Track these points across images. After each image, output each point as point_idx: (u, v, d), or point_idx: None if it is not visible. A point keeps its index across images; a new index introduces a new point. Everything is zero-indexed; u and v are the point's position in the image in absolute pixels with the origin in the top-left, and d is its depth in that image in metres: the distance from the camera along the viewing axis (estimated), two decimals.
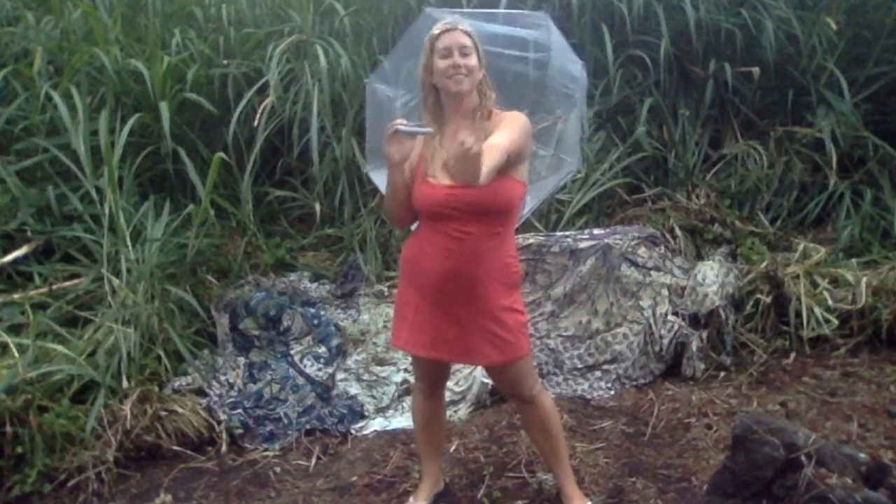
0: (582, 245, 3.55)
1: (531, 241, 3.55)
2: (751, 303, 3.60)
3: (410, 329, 2.32)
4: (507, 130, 2.15)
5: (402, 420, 3.24)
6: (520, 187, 2.25)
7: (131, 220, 3.50)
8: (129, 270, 3.32)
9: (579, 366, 3.45)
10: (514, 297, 2.31)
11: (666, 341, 3.42)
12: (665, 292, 3.54)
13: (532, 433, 2.52)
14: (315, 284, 3.94)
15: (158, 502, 2.72)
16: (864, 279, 3.53)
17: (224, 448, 3.09)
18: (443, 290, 2.24)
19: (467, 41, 2.19)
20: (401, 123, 2.12)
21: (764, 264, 3.67)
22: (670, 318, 3.47)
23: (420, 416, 2.54)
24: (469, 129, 2.17)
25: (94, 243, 3.45)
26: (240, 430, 3.14)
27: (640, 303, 3.52)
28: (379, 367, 3.51)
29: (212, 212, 3.70)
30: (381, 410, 3.32)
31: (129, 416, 2.91)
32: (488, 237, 2.22)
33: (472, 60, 2.19)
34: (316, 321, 3.58)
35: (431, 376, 2.48)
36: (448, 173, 2.18)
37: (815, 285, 3.62)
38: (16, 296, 3.30)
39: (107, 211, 3.39)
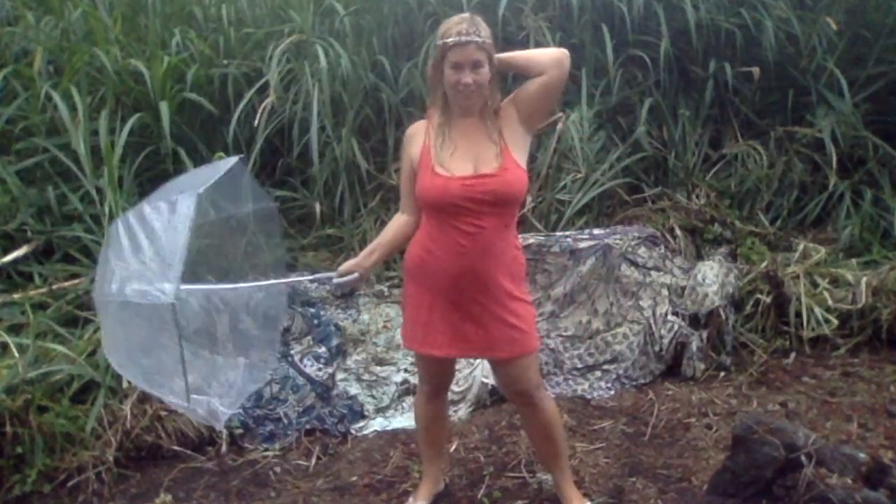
0: (582, 245, 3.55)
1: (531, 241, 3.53)
2: (751, 303, 3.60)
3: (425, 330, 2.27)
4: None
5: (402, 420, 3.24)
6: (525, 176, 2.20)
7: None
8: None
9: (579, 366, 3.46)
10: (522, 288, 2.30)
11: (666, 341, 3.42)
12: (665, 292, 3.54)
13: (532, 436, 2.49)
14: (315, 284, 3.94)
15: (158, 502, 2.72)
16: (864, 279, 3.53)
17: (224, 448, 3.08)
18: (457, 289, 2.20)
19: (480, 56, 2.08)
20: (333, 282, 2.31)
21: (764, 264, 3.67)
22: (670, 318, 3.47)
23: (423, 419, 2.52)
24: (481, 129, 2.17)
25: (94, 243, 3.45)
26: (240, 430, 3.14)
27: (640, 303, 3.52)
28: (379, 367, 3.51)
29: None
30: (381, 410, 3.32)
31: (129, 416, 2.91)
32: (499, 230, 2.18)
33: (483, 75, 2.10)
34: (316, 321, 3.58)
35: (438, 378, 2.44)
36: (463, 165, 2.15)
37: (815, 285, 3.63)
38: (16, 296, 3.30)
39: (107, 211, 3.39)
